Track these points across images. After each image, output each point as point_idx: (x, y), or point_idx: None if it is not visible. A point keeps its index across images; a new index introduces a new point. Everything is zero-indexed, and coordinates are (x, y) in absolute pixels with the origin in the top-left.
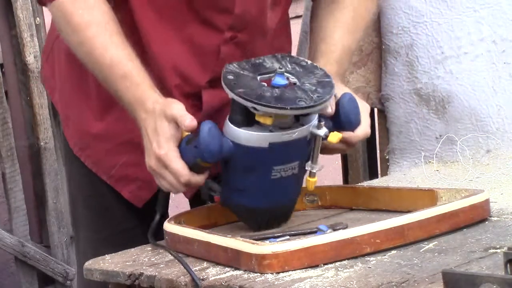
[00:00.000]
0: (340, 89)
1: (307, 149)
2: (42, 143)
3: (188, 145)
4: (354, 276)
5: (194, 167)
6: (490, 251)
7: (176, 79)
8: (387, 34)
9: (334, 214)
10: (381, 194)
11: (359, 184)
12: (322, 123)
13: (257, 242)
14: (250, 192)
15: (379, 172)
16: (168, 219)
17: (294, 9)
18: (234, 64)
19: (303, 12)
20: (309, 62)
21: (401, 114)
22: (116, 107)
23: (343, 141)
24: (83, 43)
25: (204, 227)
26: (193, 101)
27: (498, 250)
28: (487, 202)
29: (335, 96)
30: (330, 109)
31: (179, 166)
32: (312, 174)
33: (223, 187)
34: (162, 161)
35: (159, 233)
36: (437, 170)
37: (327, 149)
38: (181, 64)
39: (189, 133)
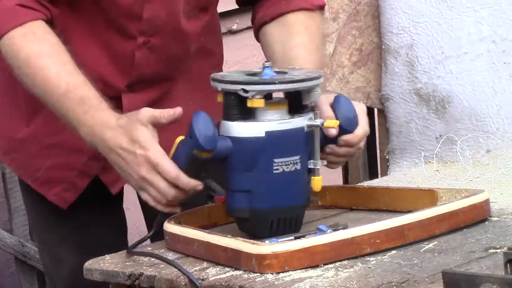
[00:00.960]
0: (329, 95)
1: (306, 144)
2: None
3: (182, 141)
4: (354, 276)
5: (193, 162)
6: (490, 251)
7: (99, 84)
8: (387, 34)
9: (334, 214)
10: (381, 194)
11: (359, 184)
12: (318, 113)
13: (257, 242)
14: (255, 191)
15: (379, 172)
16: (168, 219)
17: None
18: (220, 72)
19: None
20: (297, 67)
21: (401, 114)
22: (42, 112)
23: (345, 144)
24: (35, 74)
25: (204, 227)
26: (116, 105)
27: (498, 250)
28: (487, 202)
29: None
30: (335, 131)
31: (167, 163)
32: (316, 172)
33: (228, 195)
34: (152, 161)
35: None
36: (437, 170)
37: (334, 155)
38: (101, 70)
39: (183, 137)
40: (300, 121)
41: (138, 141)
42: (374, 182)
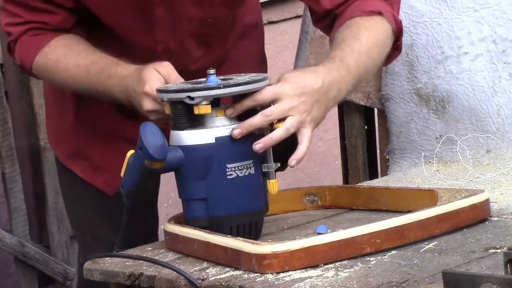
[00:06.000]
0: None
1: None
2: (42, 143)
3: (133, 154)
4: (354, 276)
5: (145, 174)
6: (490, 251)
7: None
8: None
9: (334, 214)
10: (381, 194)
11: (359, 184)
12: None
13: (257, 242)
14: (211, 199)
15: (379, 172)
16: (168, 219)
17: (294, 9)
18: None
19: (303, 12)
20: (242, 73)
21: (401, 114)
22: (91, 105)
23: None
24: (61, 77)
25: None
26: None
27: (498, 250)
28: (487, 202)
29: None
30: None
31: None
32: (270, 175)
33: (184, 205)
34: (147, 93)
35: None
36: (437, 170)
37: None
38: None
39: (133, 151)
40: None
41: (142, 80)
42: (374, 182)
